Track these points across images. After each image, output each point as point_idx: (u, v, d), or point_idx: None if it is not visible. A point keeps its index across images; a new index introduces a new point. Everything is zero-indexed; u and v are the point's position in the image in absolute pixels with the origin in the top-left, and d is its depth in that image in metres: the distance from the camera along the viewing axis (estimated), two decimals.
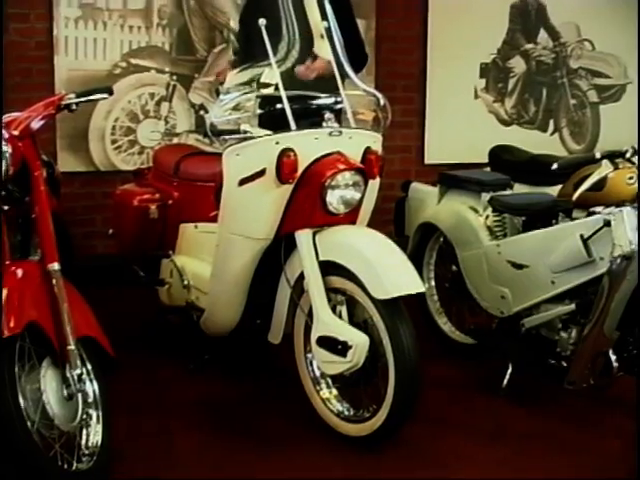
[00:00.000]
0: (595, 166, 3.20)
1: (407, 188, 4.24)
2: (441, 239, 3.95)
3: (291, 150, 3.00)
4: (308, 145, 3.05)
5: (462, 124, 5.87)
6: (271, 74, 3.20)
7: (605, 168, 3.09)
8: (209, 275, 3.42)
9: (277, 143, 3.01)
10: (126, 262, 4.09)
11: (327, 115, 3.14)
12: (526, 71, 6.06)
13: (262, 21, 3.15)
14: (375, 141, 3.25)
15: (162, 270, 3.91)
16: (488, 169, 4.23)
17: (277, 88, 3.12)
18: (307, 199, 3.05)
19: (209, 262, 3.43)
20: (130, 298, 4.46)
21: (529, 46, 6.04)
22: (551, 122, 6.19)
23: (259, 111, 3.20)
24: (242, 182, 3.07)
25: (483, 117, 5.98)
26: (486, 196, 3.69)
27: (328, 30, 3.31)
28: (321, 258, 3.03)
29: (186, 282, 3.67)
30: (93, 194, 5.18)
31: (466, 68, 5.85)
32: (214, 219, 3.41)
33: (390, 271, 2.87)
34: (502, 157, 4.20)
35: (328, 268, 3.03)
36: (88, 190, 5.17)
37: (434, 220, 3.93)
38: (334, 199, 3.04)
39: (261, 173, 3.03)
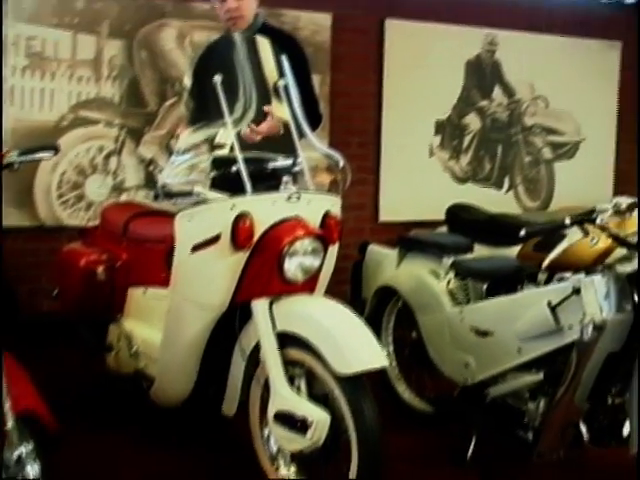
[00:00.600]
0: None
1: (364, 250, 4.12)
2: (400, 303, 3.82)
3: (247, 215, 2.86)
4: (265, 209, 2.91)
5: (417, 181, 5.81)
6: (226, 134, 3.07)
7: (575, 235, 2.99)
8: (159, 342, 3.24)
9: (232, 207, 2.86)
10: (71, 324, 3.89)
11: (285, 178, 3.01)
12: (481, 128, 6.03)
13: (217, 78, 3.02)
14: (334, 204, 3.12)
15: (109, 335, 3.72)
16: (445, 228, 4.13)
17: (232, 149, 2.99)
18: (264, 266, 2.89)
19: (159, 328, 3.24)
20: (76, 360, 4.21)
21: (484, 103, 6.02)
22: (506, 179, 6.16)
23: (213, 173, 3.05)
24: (195, 248, 2.92)
25: (438, 174, 5.93)
26: (448, 260, 3.58)
27: (285, 88, 3.18)
28: (278, 329, 2.87)
29: (135, 348, 3.48)
30: (38, 250, 4.98)
31: (421, 125, 5.80)
32: (164, 282, 3.24)
33: (352, 344, 2.72)
34: (460, 216, 4.08)
35: (286, 339, 2.87)
36: (33, 246, 4.96)
37: (393, 283, 3.80)
38: (292, 267, 2.89)
39: (215, 239, 2.88)
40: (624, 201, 2.94)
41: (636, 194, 3.16)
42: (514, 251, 3.58)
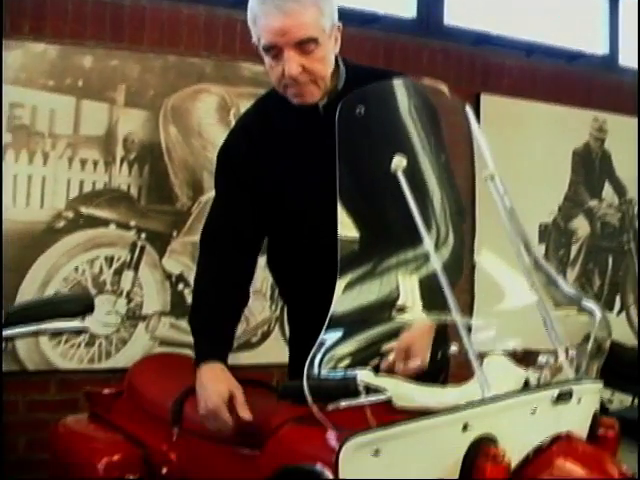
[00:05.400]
0: None
1: None
2: None
3: (492, 441, 1.46)
4: (518, 426, 1.52)
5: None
6: (411, 284, 1.66)
7: None
8: None
9: (466, 427, 1.45)
10: None
11: (543, 358, 1.62)
12: (590, 234, 4.82)
13: (398, 161, 1.65)
14: (599, 398, 1.74)
15: None
16: None
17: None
18: None
19: None
20: None
21: (593, 203, 4.84)
22: (617, 298, 4.92)
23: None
24: None
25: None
26: None
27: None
28: None
29: None
30: (16, 405, 3.56)
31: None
32: None
33: None
34: None
35: None
36: (9, 398, 3.52)
37: None
38: None
39: None
40: None
41: None
42: None
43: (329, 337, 1.50)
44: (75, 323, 1.45)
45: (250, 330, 3.85)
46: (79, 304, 1.47)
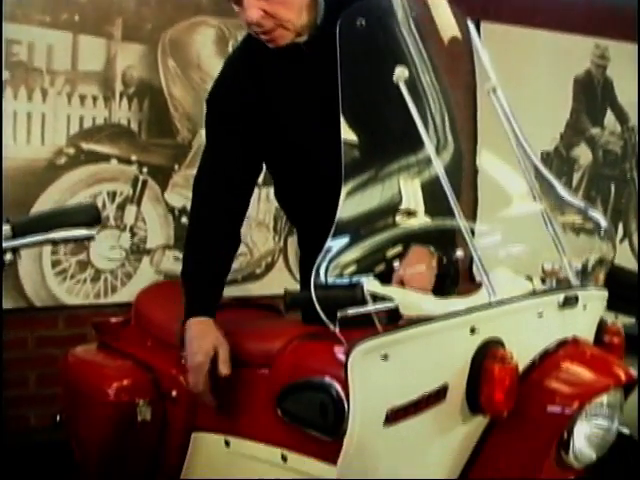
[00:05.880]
0: None
1: None
2: None
3: (499, 344, 1.48)
4: (524, 330, 1.53)
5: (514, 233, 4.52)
6: (415, 191, 1.66)
7: None
8: None
9: (473, 331, 1.46)
10: None
11: (548, 265, 1.63)
12: (592, 163, 4.80)
13: (400, 71, 1.63)
14: (604, 306, 1.76)
15: None
16: None
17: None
18: (524, 443, 1.51)
19: None
20: None
21: (595, 131, 4.80)
22: (620, 225, 4.91)
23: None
24: (394, 416, 1.48)
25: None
26: None
27: None
28: None
29: None
30: (25, 341, 3.56)
31: None
32: (265, 430, 1.87)
33: None
34: None
35: None
36: (17, 335, 3.53)
37: None
38: (582, 441, 1.52)
39: (437, 396, 1.47)
40: None
41: None
42: None
43: (335, 244, 1.51)
44: (82, 231, 1.45)
45: (254, 262, 3.86)
46: (86, 215, 1.47)
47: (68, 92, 3.58)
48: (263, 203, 3.79)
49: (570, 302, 1.57)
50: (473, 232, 1.56)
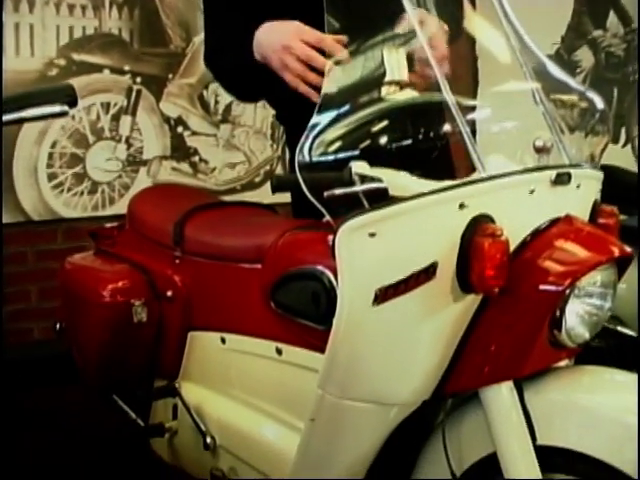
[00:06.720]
0: None
1: None
2: None
3: (488, 220, 1.45)
4: (515, 207, 1.50)
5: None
6: (398, 60, 1.62)
7: None
8: (259, 433, 1.89)
9: (462, 206, 1.44)
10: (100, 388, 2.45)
11: (540, 142, 1.60)
12: (595, 66, 4.71)
13: None
14: (599, 187, 1.73)
15: (156, 409, 2.29)
16: None
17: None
18: (515, 322, 1.50)
19: (254, 406, 1.92)
20: (86, 411, 2.79)
21: (597, 33, 4.69)
22: (622, 130, 4.84)
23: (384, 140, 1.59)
24: (383, 295, 1.47)
25: (543, 126, 4.57)
26: None
27: None
28: (540, 441, 1.50)
29: (209, 439, 2.05)
30: (24, 255, 3.56)
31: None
32: (260, 326, 1.87)
33: None
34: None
35: (549, 457, 1.51)
36: (16, 250, 3.53)
37: None
38: (574, 319, 1.51)
39: (424, 275, 1.45)
40: None
41: None
42: None
43: (319, 120, 1.47)
44: (54, 108, 1.42)
45: (253, 170, 3.83)
46: (62, 94, 1.44)
47: (56, 1, 3.52)
48: (260, 110, 3.73)
49: (562, 179, 1.53)
50: (472, 109, 1.52)
